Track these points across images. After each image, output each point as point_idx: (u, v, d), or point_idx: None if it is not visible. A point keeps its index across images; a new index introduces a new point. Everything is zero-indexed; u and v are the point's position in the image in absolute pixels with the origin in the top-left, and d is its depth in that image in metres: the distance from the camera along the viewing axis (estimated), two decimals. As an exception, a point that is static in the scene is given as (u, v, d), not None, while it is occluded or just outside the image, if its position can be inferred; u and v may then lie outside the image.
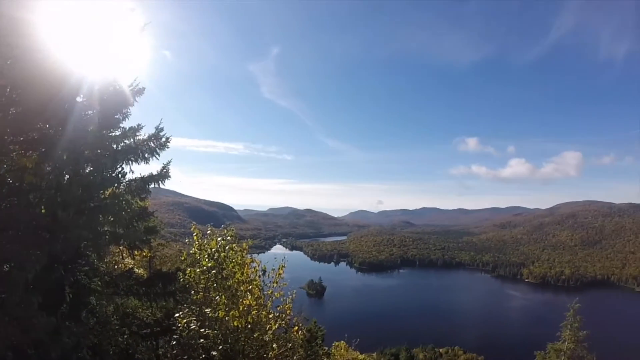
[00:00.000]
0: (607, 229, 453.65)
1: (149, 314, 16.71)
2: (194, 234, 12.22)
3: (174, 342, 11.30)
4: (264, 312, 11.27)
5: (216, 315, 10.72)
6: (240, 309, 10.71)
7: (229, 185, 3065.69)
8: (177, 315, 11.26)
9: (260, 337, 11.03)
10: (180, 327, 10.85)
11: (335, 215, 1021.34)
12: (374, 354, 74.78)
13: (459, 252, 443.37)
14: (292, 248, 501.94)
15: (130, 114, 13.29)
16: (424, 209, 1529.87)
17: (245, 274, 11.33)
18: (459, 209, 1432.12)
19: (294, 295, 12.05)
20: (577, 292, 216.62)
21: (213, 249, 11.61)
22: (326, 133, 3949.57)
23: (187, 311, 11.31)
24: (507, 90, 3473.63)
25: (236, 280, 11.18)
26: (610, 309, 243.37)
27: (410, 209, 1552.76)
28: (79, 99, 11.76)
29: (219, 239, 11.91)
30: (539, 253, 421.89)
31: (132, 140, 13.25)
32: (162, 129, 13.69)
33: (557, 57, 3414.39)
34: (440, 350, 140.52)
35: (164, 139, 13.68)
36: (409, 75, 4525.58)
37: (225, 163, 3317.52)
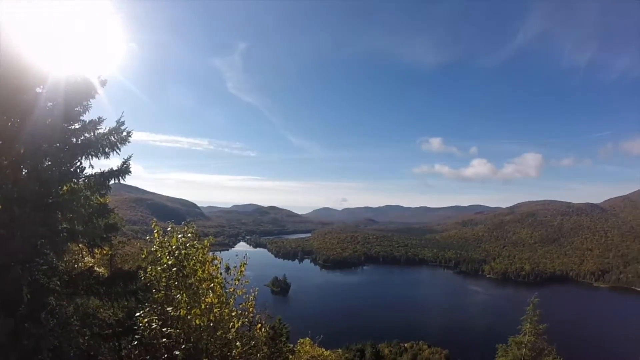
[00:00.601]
0: (566, 227, 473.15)
1: (111, 314, 16.25)
2: (155, 231, 11.96)
3: (136, 343, 11.04)
4: (226, 310, 11.09)
5: (178, 313, 10.51)
6: (202, 307, 10.56)
7: (193, 182, 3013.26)
8: (137, 314, 10.94)
9: (224, 336, 10.85)
10: (142, 327, 10.51)
11: (300, 213, 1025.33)
12: (340, 350, 75.12)
13: (422, 249, 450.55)
14: (256, 245, 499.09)
15: (91, 107, 13.00)
16: (387, 206, 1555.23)
17: (206, 272, 11.18)
18: (422, 207, 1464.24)
19: (256, 292, 11.91)
20: (537, 287, 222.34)
21: (174, 246, 11.36)
22: (291, 130, 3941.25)
23: (149, 310, 11.06)
24: (471, 92, 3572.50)
25: (198, 278, 11.01)
26: (569, 303, 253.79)
27: (374, 206, 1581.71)
28: (39, 91, 11.39)
29: (180, 236, 11.65)
30: (500, 250, 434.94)
31: (92, 134, 12.91)
32: (123, 123, 13.39)
33: (521, 62, 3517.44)
34: (405, 345, 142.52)
35: (125, 133, 13.38)
36: (375, 75, 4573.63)
37: (189, 159, 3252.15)
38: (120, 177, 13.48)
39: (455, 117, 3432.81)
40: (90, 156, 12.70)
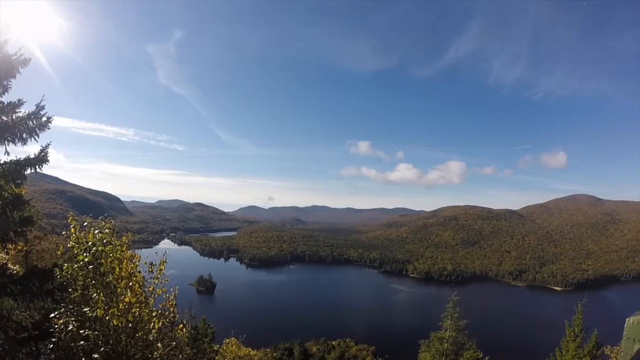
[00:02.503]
0: (486, 230, 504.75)
1: (27, 316, 15.05)
2: (72, 226, 10.99)
3: (52, 346, 10.21)
4: (146, 310, 10.56)
5: (95, 314, 9.76)
6: (120, 306, 9.93)
7: (117, 174, 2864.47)
8: (52, 315, 10.11)
9: (144, 337, 10.31)
10: (58, 329, 9.72)
11: (226, 210, 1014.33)
12: (268, 350, 74.96)
13: (347, 249, 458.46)
14: (181, 243, 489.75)
15: (10, 87, 12.03)
16: (314, 206, 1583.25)
17: (124, 270, 10.56)
18: (348, 208, 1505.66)
19: (176, 291, 11.51)
20: (458, 286, 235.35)
21: (90, 242, 10.57)
22: (222, 125, 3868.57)
23: (64, 311, 10.27)
24: (402, 100, 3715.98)
25: (115, 277, 10.38)
26: (489, 300, 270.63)
27: (301, 206, 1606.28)
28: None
29: (97, 231, 10.84)
30: (423, 251, 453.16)
31: (10, 117, 11.96)
32: (43, 107, 12.44)
33: (453, 75, 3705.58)
34: (333, 342, 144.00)
35: (44, 119, 12.46)
36: (311, 76, 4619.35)
37: (113, 150, 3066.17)
38: (38, 166, 12.47)
39: (384, 123, 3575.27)
40: (6, 142, 11.82)
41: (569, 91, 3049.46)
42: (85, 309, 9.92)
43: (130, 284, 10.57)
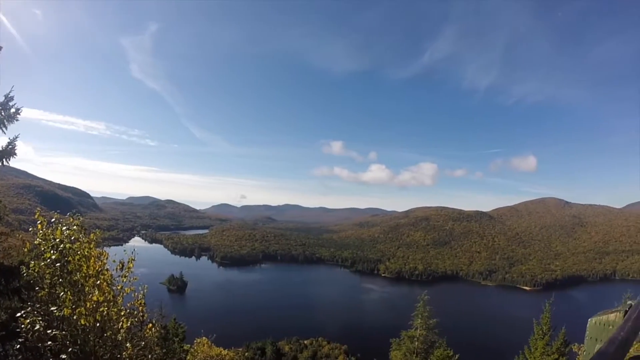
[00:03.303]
0: (457, 231, 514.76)
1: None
2: (39, 222, 10.63)
3: (19, 347, 9.82)
4: (114, 309, 10.28)
5: (62, 313, 9.42)
6: (88, 305, 9.66)
7: (87, 169, 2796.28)
8: (19, 315, 9.73)
9: (113, 337, 10.05)
10: (25, 329, 9.30)
11: (198, 208, 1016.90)
12: (240, 349, 74.48)
13: (319, 249, 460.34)
14: (152, 241, 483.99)
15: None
16: (286, 205, 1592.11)
17: (91, 268, 10.22)
18: (321, 208, 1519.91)
19: (145, 289, 11.25)
20: (429, 286, 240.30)
21: (58, 239, 10.14)
22: (195, 122, 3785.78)
23: (31, 310, 9.91)
24: (377, 101, 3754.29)
25: (83, 275, 10.04)
26: (460, 300, 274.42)
27: (273, 205, 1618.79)
28: None
29: (64, 228, 10.43)
30: (395, 251, 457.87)
31: (-22, 107, 11.54)
32: (12, 98, 12.07)
33: (427, 79, 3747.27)
34: (305, 341, 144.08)
35: (13, 110, 12.09)
36: (286, 74, 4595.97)
37: (84, 144, 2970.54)
38: (5, 159, 12.13)
39: (358, 123, 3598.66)
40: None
41: (541, 98, 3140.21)
42: (52, 308, 9.60)
43: (98, 282, 10.22)
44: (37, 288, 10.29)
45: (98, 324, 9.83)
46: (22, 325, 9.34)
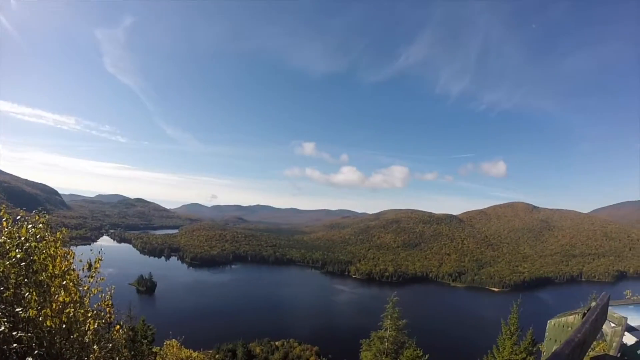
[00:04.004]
0: (427, 234, 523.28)
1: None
2: (4, 219, 10.23)
3: None
4: (81, 311, 10.03)
5: (28, 314, 9.10)
6: (54, 306, 9.40)
7: (56, 165, 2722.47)
8: None
9: (80, 339, 9.79)
10: None
11: (168, 207, 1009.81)
12: (210, 351, 73.60)
13: (290, 250, 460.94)
14: (121, 240, 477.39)
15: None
16: (257, 206, 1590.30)
17: (57, 267, 9.93)
18: (292, 209, 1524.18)
19: (112, 290, 11.06)
20: (399, 287, 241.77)
21: (23, 238, 9.81)
22: (167, 119, 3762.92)
23: None
24: (350, 104, 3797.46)
25: (49, 275, 9.74)
26: (430, 300, 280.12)
27: (244, 205, 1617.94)
28: None
29: (30, 226, 10.07)
30: (365, 252, 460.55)
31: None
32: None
33: (401, 83, 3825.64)
34: (276, 343, 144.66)
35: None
36: (261, 74, 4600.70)
37: (53, 138, 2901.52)
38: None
39: (331, 125, 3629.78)
40: None
41: (512, 105, 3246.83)
42: (17, 309, 9.25)
43: (65, 282, 9.92)
44: (1, 288, 9.86)
45: (64, 326, 9.52)
46: (-13, 327, 8.91)
